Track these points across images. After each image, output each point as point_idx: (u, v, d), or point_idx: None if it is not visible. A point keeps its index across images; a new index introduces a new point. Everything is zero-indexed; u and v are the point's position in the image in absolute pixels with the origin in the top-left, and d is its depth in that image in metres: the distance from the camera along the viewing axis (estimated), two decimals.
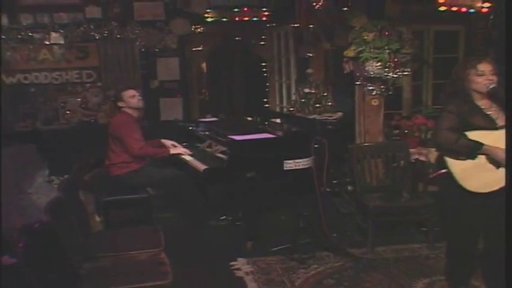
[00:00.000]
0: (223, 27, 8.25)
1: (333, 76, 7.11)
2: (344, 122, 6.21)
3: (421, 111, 6.26)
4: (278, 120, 5.86)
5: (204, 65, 9.04)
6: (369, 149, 5.46)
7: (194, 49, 8.67)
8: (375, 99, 5.58)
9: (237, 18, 7.68)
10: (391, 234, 5.23)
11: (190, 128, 6.49)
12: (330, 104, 6.76)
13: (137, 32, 8.33)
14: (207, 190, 5.82)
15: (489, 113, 3.49)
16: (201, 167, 5.11)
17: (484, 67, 3.48)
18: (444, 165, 3.52)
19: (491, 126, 3.45)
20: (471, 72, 3.49)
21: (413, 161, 5.42)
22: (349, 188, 6.01)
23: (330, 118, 6.28)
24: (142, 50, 8.43)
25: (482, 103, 3.52)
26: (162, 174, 5.49)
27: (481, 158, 3.44)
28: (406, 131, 5.85)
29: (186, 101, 8.80)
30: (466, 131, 3.44)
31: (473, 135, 3.42)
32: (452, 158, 3.48)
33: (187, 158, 5.54)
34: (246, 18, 7.68)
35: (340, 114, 6.44)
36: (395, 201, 5.13)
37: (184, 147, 5.78)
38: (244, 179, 4.83)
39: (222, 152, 5.23)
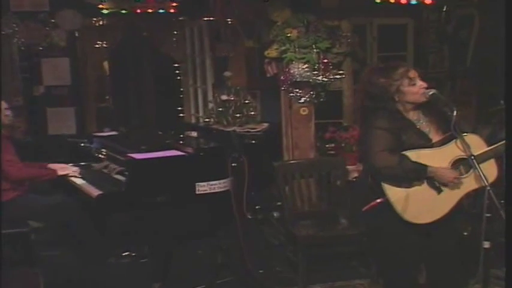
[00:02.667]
0: (125, 21, 8.20)
1: (259, 80, 7.14)
2: (270, 134, 6.23)
3: None
4: (195, 134, 5.83)
5: (105, 67, 8.95)
6: (298, 166, 5.48)
7: (96, 46, 8.59)
8: (303, 108, 5.61)
9: (139, 10, 7.67)
10: (327, 268, 5.28)
11: (82, 144, 6.36)
12: (253, 113, 6.78)
13: (14, 25, 8.13)
14: (105, 220, 5.71)
15: (419, 126, 3.55)
16: (95, 192, 5.00)
17: (413, 74, 3.53)
18: (379, 194, 3.49)
19: (425, 142, 3.51)
20: (403, 83, 3.51)
21: (352, 180, 5.48)
22: (275, 214, 6.03)
23: (252, 130, 6.30)
24: (22, 48, 8.29)
25: (411, 116, 3.57)
26: (46, 203, 5.36)
27: (422, 184, 3.46)
28: (343, 145, 5.92)
29: (81, 110, 8.68)
30: (400, 151, 3.44)
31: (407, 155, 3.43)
32: (392, 185, 3.45)
33: (79, 181, 5.42)
34: (150, 10, 7.69)
35: (265, 125, 6.48)
36: (330, 229, 5.18)
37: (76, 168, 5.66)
38: (147, 206, 4.76)
39: (120, 174, 5.15)
